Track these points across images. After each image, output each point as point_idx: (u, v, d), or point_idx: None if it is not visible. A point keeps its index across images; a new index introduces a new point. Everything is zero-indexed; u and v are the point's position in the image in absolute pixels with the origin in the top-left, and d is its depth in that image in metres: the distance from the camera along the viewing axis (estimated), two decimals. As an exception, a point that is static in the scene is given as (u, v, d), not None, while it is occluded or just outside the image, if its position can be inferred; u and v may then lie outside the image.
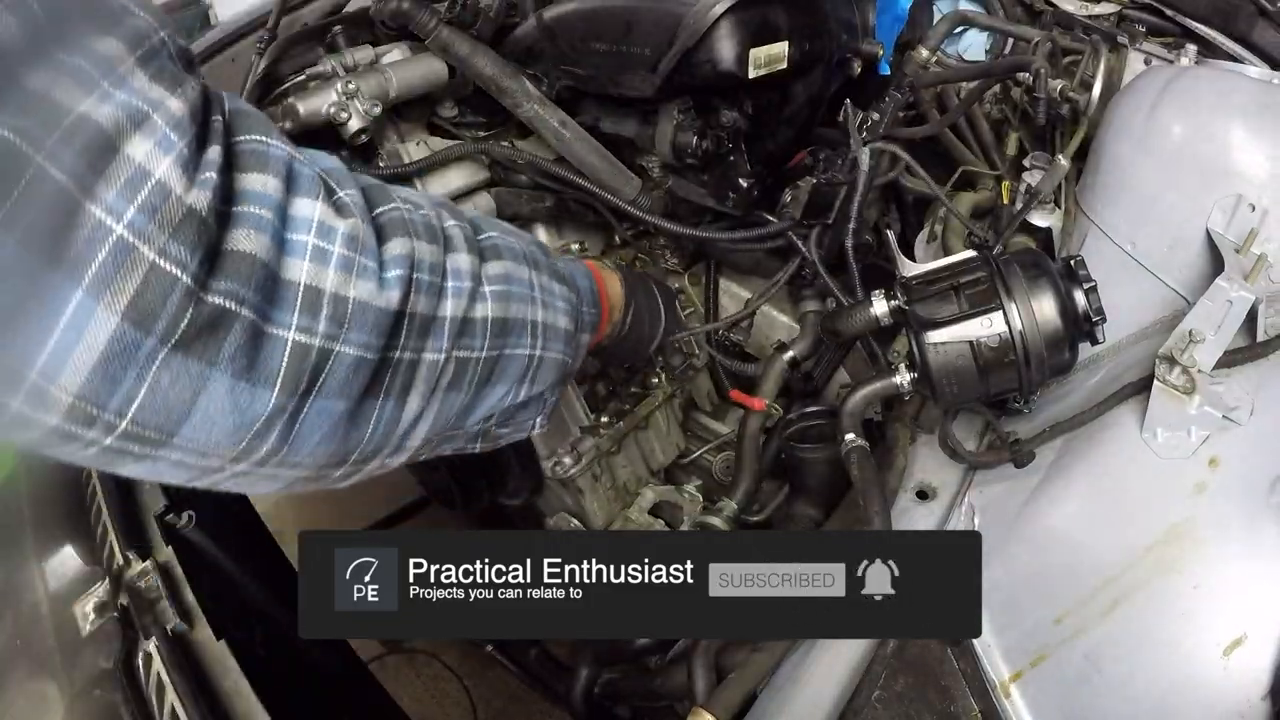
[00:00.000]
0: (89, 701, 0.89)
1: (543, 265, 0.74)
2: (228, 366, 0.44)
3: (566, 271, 0.81)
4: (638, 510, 1.39)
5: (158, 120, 0.42)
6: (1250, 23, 1.38)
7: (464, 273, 0.61)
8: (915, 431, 1.14)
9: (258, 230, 0.46)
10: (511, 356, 0.67)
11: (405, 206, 0.59)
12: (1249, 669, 0.76)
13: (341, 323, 0.49)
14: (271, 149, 0.50)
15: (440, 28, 1.12)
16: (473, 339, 0.62)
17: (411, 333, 0.55)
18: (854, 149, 1.17)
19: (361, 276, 0.51)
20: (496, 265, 0.66)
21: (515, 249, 0.70)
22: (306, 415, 0.49)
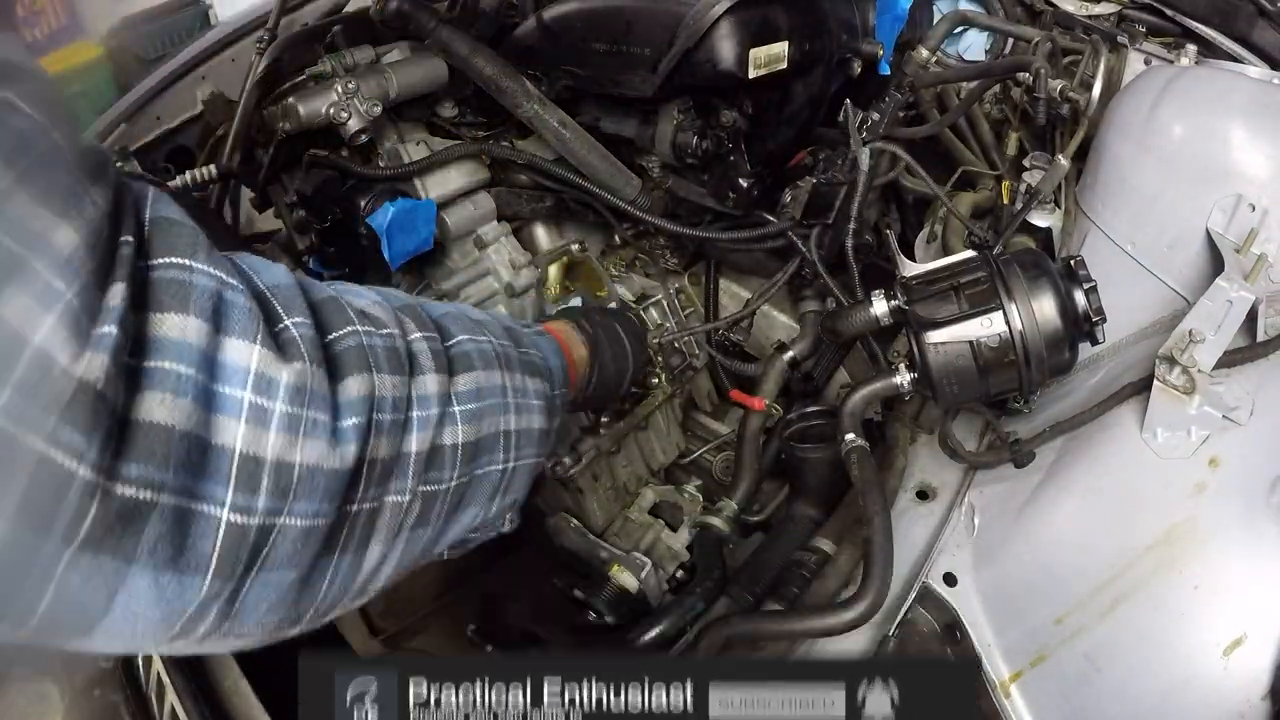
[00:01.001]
0: (89, 701, 0.89)
1: (515, 363, 0.68)
2: (148, 560, 0.38)
3: (539, 359, 0.75)
4: (638, 510, 1.38)
5: (36, 266, 0.34)
6: (1250, 23, 1.38)
7: (431, 399, 0.55)
8: (915, 431, 1.14)
9: (175, 394, 0.38)
10: (483, 476, 0.62)
11: (364, 329, 0.51)
12: (1249, 669, 0.76)
13: (286, 494, 0.43)
14: (195, 276, 0.41)
15: (440, 28, 1.12)
16: (441, 470, 0.56)
17: (372, 481, 0.49)
18: (854, 149, 1.17)
19: (310, 435, 0.44)
20: (467, 379, 0.59)
21: (487, 353, 0.64)
22: (248, 593, 0.43)
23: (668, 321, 1.43)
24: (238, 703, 0.88)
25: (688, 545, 1.33)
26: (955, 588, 0.93)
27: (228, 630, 0.44)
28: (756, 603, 1.12)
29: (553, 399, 0.75)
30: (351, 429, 0.47)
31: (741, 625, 0.94)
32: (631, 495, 1.40)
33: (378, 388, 0.49)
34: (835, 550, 1.06)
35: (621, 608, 1.24)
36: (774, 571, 1.14)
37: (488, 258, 1.26)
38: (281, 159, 1.19)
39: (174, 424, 0.38)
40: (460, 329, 0.63)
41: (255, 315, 0.43)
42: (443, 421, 0.55)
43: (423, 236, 1.16)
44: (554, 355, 0.80)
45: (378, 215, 1.12)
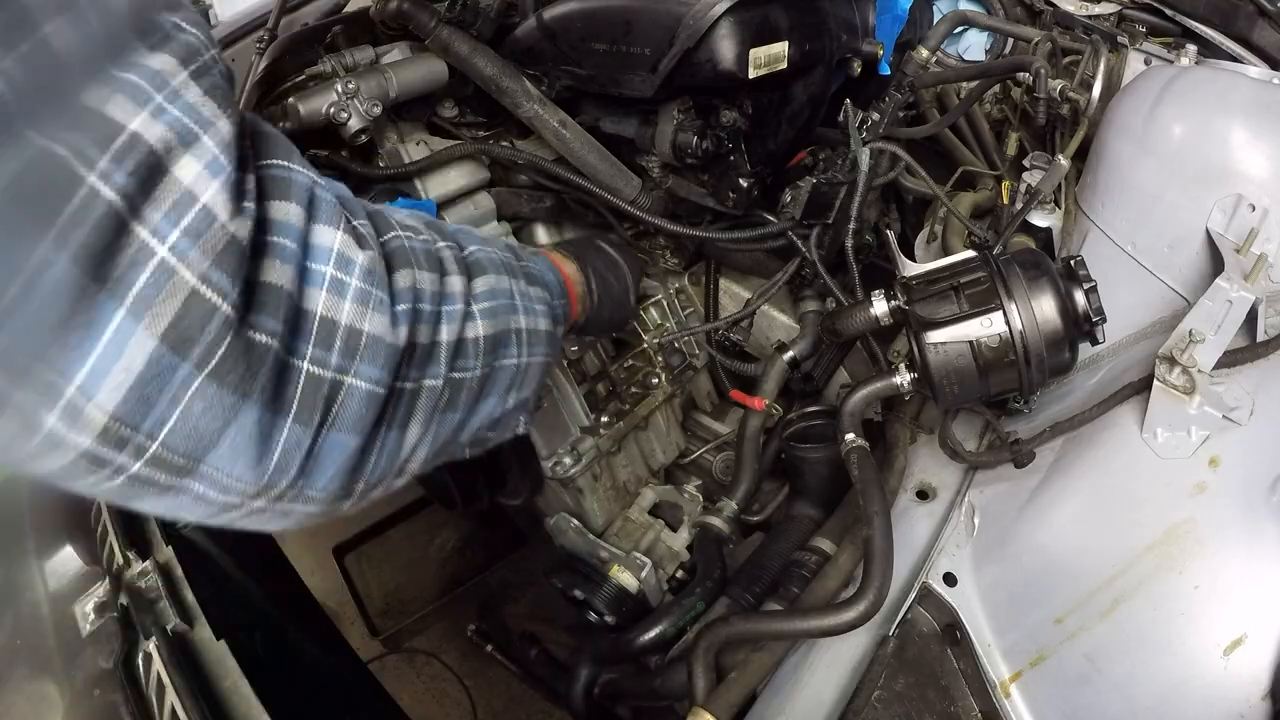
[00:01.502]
0: (89, 701, 0.89)
1: (518, 271, 0.75)
2: (258, 398, 0.44)
3: (536, 271, 0.81)
4: (638, 510, 1.39)
5: (208, 142, 0.42)
6: (1250, 23, 1.38)
7: (457, 295, 0.62)
8: (915, 431, 1.14)
9: (284, 261, 0.46)
10: (501, 369, 0.68)
11: (404, 234, 0.60)
12: (1249, 669, 0.76)
13: (354, 354, 0.50)
14: (294, 174, 0.50)
15: (440, 28, 1.12)
16: (467, 359, 0.62)
17: (414, 363, 0.56)
18: (854, 149, 1.17)
19: (377, 310, 0.51)
20: (482, 282, 0.67)
21: (495, 260, 0.71)
22: (322, 447, 0.49)
23: (668, 321, 1.43)
24: (238, 703, 0.88)
25: (688, 545, 1.34)
26: (955, 588, 0.93)
27: (300, 492, 0.50)
28: (756, 603, 1.12)
29: (554, 306, 0.81)
30: (403, 313, 0.54)
31: (741, 625, 0.94)
32: (631, 495, 1.40)
33: (418, 281, 0.57)
34: (835, 550, 1.06)
35: (621, 608, 1.24)
36: (774, 571, 1.14)
37: (488, 258, 1.26)
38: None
39: (284, 285, 0.46)
40: (471, 241, 0.71)
41: (339, 209, 0.52)
42: (466, 317, 0.62)
43: (423, 236, 1.16)
44: (549, 270, 0.87)
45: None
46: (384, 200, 1.14)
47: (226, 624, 0.95)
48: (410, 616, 2.30)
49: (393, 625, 2.29)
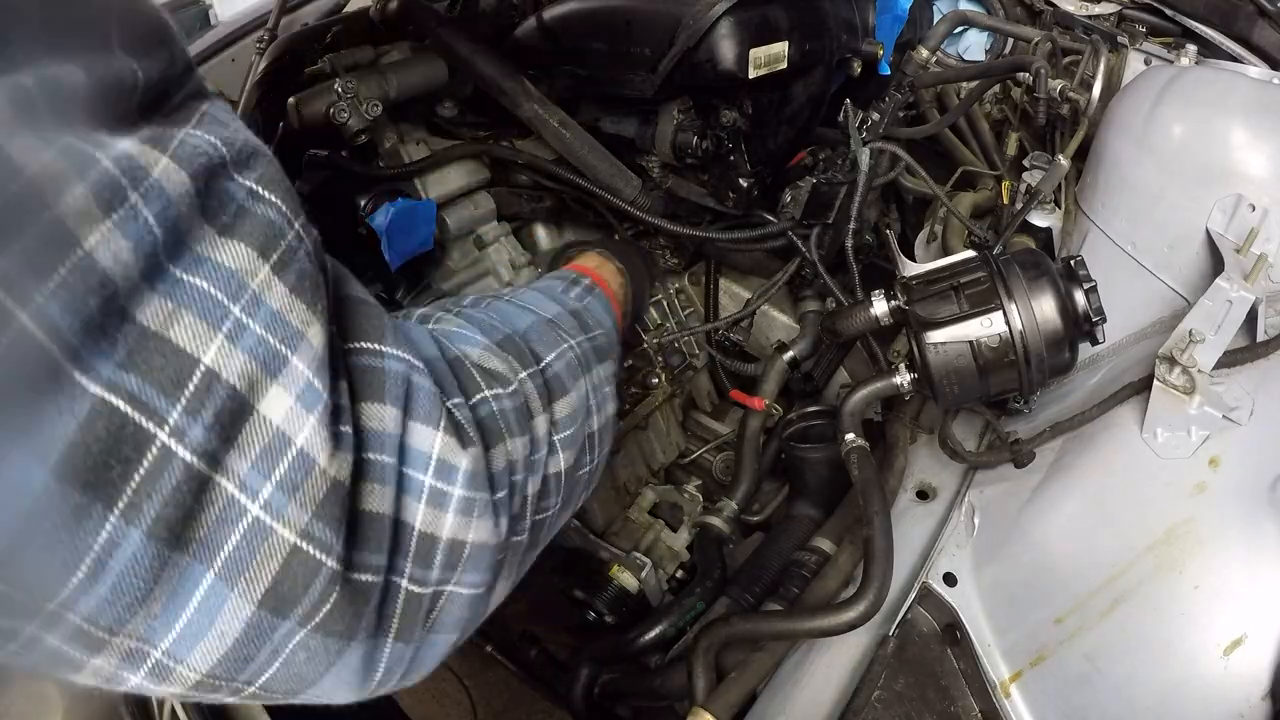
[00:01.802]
0: (89, 701, 0.89)
1: (591, 358, 0.67)
2: (363, 635, 0.40)
3: (603, 335, 0.72)
4: (638, 510, 1.39)
5: (298, 365, 0.35)
6: (1250, 23, 1.38)
7: (541, 439, 0.56)
8: (915, 431, 1.14)
9: (382, 484, 0.40)
10: (577, 481, 0.63)
11: (492, 394, 0.51)
12: (1249, 669, 0.76)
13: (456, 567, 0.45)
14: (389, 362, 0.42)
15: (440, 28, 1.12)
16: (549, 499, 0.57)
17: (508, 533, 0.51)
18: (854, 149, 1.17)
19: (481, 518, 0.46)
20: (563, 405, 0.60)
21: (573, 365, 0.63)
22: (423, 652, 0.46)
23: (668, 321, 1.43)
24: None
25: (688, 545, 1.34)
26: (955, 588, 0.93)
27: (403, 681, 0.47)
28: (756, 603, 1.12)
29: (617, 371, 0.75)
30: (503, 501, 0.49)
31: (741, 625, 0.94)
32: (631, 495, 1.40)
33: (511, 453, 0.51)
34: (835, 550, 1.06)
35: (621, 608, 1.24)
36: (774, 571, 1.14)
37: (488, 258, 1.26)
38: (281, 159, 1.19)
39: (385, 512, 0.40)
40: (546, 346, 0.62)
41: (438, 399, 0.44)
42: (550, 455, 0.57)
43: (423, 236, 1.16)
44: (607, 313, 0.80)
45: (378, 215, 1.12)
46: (384, 200, 1.14)
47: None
48: (410, 616, 2.30)
49: (393, 625, 2.29)
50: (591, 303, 0.78)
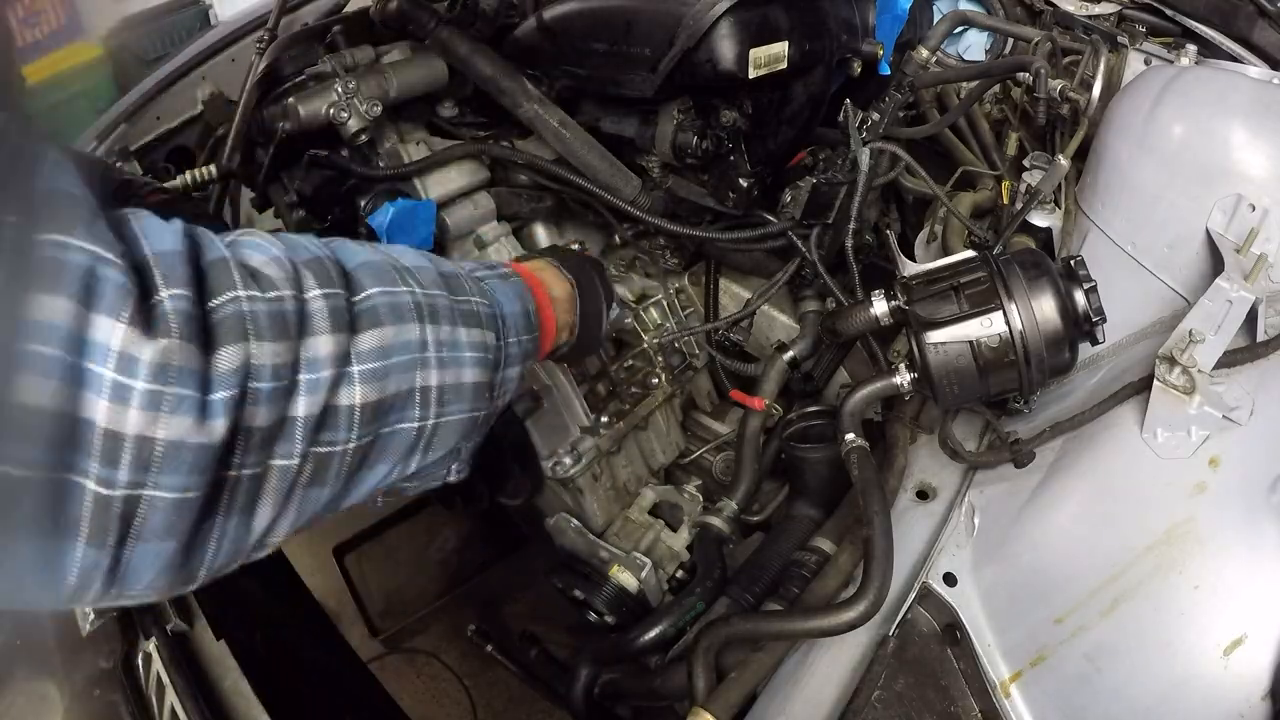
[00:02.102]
0: (89, 701, 0.89)
1: (443, 313, 0.65)
2: (27, 532, 0.41)
3: (482, 307, 0.71)
4: (638, 510, 1.38)
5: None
6: (1250, 23, 1.38)
7: (323, 360, 0.53)
8: (915, 431, 1.14)
9: (44, 375, 0.40)
10: (393, 434, 0.61)
11: (247, 294, 0.50)
12: (1249, 669, 0.76)
13: (147, 467, 0.44)
14: (71, 254, 0.42)
15: (440, 28, 1.12)
16: (336, 431, 0.55)
17: (251, 448, 0.49)
18: (854, 149, 1.17)
19: (175, 412, 0.44)
20: (372, 336, 0.57)
21: (403, 305, 0.61)
22: (129, 563, 0.45)
23: (668, 321, 1.43)
24: (238, 703, 0.88)
25: (688, 545, 1.34)
26: (955, 588, 0.93)
27: (118, 594, 0.46)
28: (756, 603, 1.12)
29: (497, 349, 0.72)
30: (222, 403, 0.47)
31: (741, 625, 0.94)
32: (631, 495, 1.40)
33: (254, 356, 0.49)
34: (835, 550, 1.06)
35: (621, 608, 1.24)
36: (774, 571, 1.14)
37: (488, 257, 1.26)
38: (281, 159, 1.19)
39: (43, 405, 0.40)
40: (375, 280, 0.61)
41: (127, 291, 0.43)
42: (338, 383, 0.55)
43: (422, 236, 1.16)
44: (512, 300, 0.77)
45: (378, 215, 1.12)
46: (384, 200, 1.14)
47: (226, 624, 0.95)
48: (410, 616, 2.30)
49: (393, 625, 2.29)
50: (493, 283, 0.77)
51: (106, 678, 0.89)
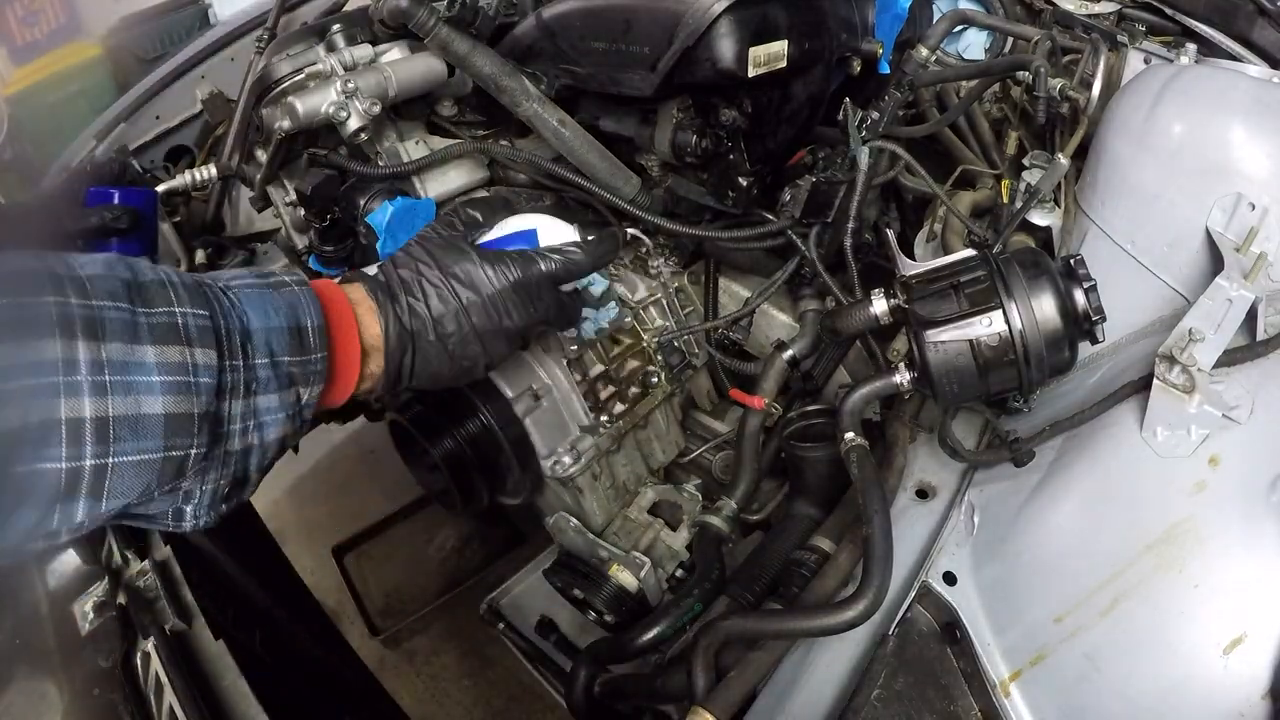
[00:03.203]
0: (88, 701, 0.89)
1: (115, 328, 0.54)
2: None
3: (195, 319, 0.59)
4: (637, 510, 1.38)
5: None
6: (1250, 21, 1.38)
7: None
8: (915, 430, 1.14)
9: None
10: (31, 475, 0.51)
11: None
12: (1249, 668, 0.76)
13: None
14: None
15: (439, 26, 1.12)
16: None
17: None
18: (853, 148, 1.16)
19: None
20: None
21: (36, 318, 0.51)
22: None
23: (667, 320, 1.43)
24: (237, 702, 0.88)
25: (687, 544, 1.34)
26: (955, 587, 0.93)
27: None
28: (756, 602, 1.12)
29: (219, 370, 0.60)
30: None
31: (741, 624, 0.94)
32: (631, 494, 1.40)
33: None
34: (835, 549, 1.06)
35: (621, 607, 1.24)
36: (773, 571, 1.14)
37: (487, 257, 1.26)
38: (281, 158, 1.19)
39: None
40: (9, 290, 0.51)
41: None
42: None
43: (422, 235, 1.16)
44: (268, 313, 0.65)
45: (377, 214, 1.12)
46: (383, 199, 1.14)
47: (225, 623, 0.95)
48: (410, 616, 2.30)
49: (393, 625, 2.29)
50: (245, 293, 0.65)
51: (106, 677, 0.89)
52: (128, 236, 1.26)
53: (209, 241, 1.58)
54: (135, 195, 1.29)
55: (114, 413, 0.53)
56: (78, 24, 3.22)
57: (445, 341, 0.80)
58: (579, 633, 1.54)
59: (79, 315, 0.53)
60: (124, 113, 1.66)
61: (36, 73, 2.77)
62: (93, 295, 0.54)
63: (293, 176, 1.23)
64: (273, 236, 1.55)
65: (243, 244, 1.65)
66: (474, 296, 0.81)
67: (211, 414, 0.60)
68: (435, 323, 0.79)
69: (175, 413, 0.57)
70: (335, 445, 2.74)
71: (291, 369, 0.66)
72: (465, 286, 0.81)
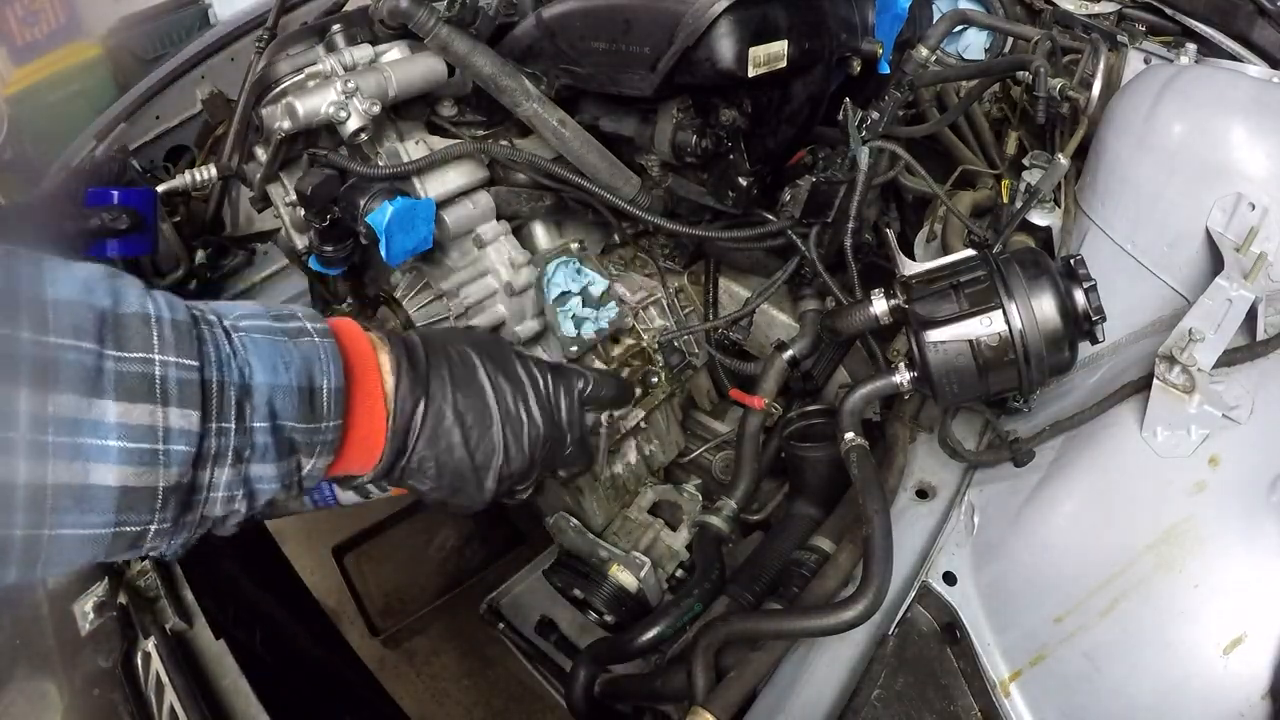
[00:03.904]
0: (89, 701, 0.89)
1: (73, 374, 0.45)
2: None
3: (179, 370, 0.49)
4: (637, 510, 1.38)
5: None
6: (1250, 21, 1.38)
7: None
8: (915, 430, 1.14)
9: None
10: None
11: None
12: (1249, 668, 0.76)
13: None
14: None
15: (439, 26, 1.11)
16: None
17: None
18: (853, 148, 1.16)
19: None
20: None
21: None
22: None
23: (667, 320, 1.43)
24: (237, 702, 0.88)
25: (687, 544, 1.34)
26: (955, 587, 0.93)
27: None
28: (756, 602, 1.12)
29: (201, 437, 0.50)
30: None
31: (741, 624, 0.94)
32: (631, 494, 1.40)
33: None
34: (835, 549, 1.06)
35: (621, 607, 1.24)
36: (773, 571, 1.14)
37: (487, 257, 1.26)
38: (281, 158, 1.19)
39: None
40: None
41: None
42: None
43: (422, 235, 1.16)
44: (279, 368, 0.55)
45: (377, 214, 1.12)
46: (383, 199, 1.14)
47: (225, 623, 0.95)
48: (410, 616, 2.30)
49: (393, 625, 2.29)
50: (255, 338, 0.55)
51: (106, 677, 0.89)
52: (127, 236, 1.26)
53: (209, 241, 1.58)
54: (135, 195, 1.29)
55: (52, 480, 0.45)
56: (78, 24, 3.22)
57: (462, 415, 0.67)
58: (579, 633, 1.54)
59: (28, 355, 0.44)
60: (124, 113, 1.66)
61: (36, 73, 2.77)
62: (52, 329, 0.45)
63: (292, 177, 1.23)
64: (273, 236, 1.55)
65: (243, 244, 1.65)
66: (503, 382, 0.71)
67: (185, 485, 0.51)
68: (454, 385, 0.68)
69: (133, 486, 0.48)
70: (335, 445, 2.73)
71: (295, 436, 0.57)
72: (494, 365, 0.71)
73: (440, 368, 0.68)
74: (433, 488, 0.69)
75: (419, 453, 0.66)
